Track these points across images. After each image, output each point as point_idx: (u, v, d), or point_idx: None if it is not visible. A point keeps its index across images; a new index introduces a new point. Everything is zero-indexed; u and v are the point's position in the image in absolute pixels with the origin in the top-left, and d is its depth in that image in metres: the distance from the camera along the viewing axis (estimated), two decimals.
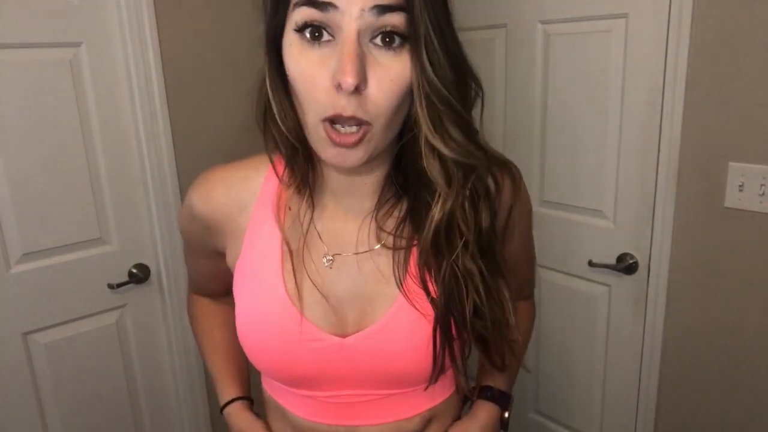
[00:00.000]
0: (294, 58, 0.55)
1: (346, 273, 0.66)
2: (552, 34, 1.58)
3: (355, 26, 0.52)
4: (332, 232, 0.67)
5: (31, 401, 1.48)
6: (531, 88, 1.64)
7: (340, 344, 0.65)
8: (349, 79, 0.51)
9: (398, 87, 0.55)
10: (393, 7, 0.52)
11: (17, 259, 1.40)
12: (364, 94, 0.54)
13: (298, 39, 0.55)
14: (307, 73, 0.55)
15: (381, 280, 0.65)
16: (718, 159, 1.32)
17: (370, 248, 0.66)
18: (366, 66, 0.53)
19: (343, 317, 0.66)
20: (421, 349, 0.63)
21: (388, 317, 0.64)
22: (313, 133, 0.57)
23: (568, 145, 1.61)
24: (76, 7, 1.39)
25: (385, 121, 0.56)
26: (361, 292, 0.66)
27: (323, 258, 0.67)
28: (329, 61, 0.53)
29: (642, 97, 1.43)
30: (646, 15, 1.38)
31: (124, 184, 1.53)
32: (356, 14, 0.52)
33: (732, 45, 1.26)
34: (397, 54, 0.54)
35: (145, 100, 1.50)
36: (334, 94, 0.53)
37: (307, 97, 0.55)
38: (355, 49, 0.52)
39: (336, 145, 0.56)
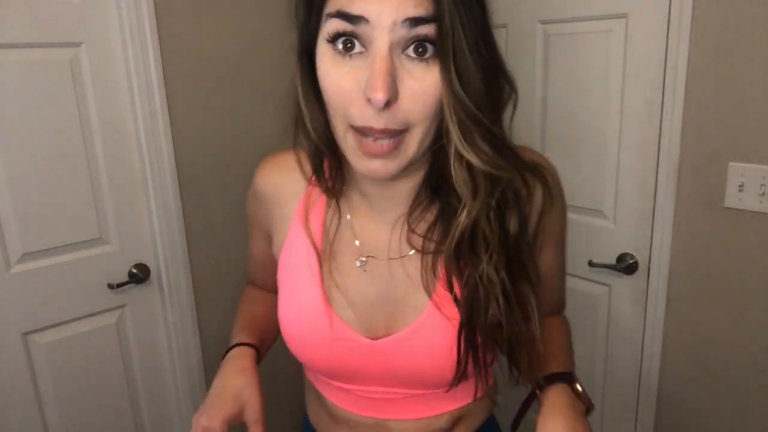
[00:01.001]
0: (326, 68, 0.56)
1: (378, 277, 0.68)
2: (552, 34, 1.58)
3: (387, 39, 0.52)
4: (367, 235, 0.69)
5: (31, 401, 1.47)
6: (531, 88, 1.64)
7: (371, 346, 0.66)
8: (379, 95, 0.51)
9: (431, 98, 0.54)
10: (425, 18, 0.52)
11: (17, 259, 1.40)
12: (395, 107, 0.54)
13: (330, 50, 0.55)
14: (338, 85, 0.55)
15: (411, 285, 0.66)
16: (718, 159, 1.32)
17: (402, 254, 0.67)
18: (397, 79, 0.53)
19: (374, 320, 0.67)
20: (447, 354, 0.64)
21: (418, 324, 0.65)
22: (342, 141, 0.58)
23: (568, 145, 1.61)
24: (76, 7, 1.39)
25: (420, 129, 0.56)
26: (392, 296, 0.67)
27: (356, 260, 0.68)
28: (360, 73, 0.54)
29: (642, 96, 1.43)
30: (646, 15, 1.38)
31: (124, 184, 1.53)
32: (388, 27, 0.52)
33: (732, 44, 1.26)
34: (429, 65, 0.54)
35: (145, 100, 1.50)
36: (364, 107, 0.54)
37: (337, 107, 0.56)
38: (386, 65, 0.52)
39: (368, 155, 0.56)
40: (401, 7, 0.51)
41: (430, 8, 0.52)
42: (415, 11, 0.51)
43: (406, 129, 0.56)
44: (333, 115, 0.58)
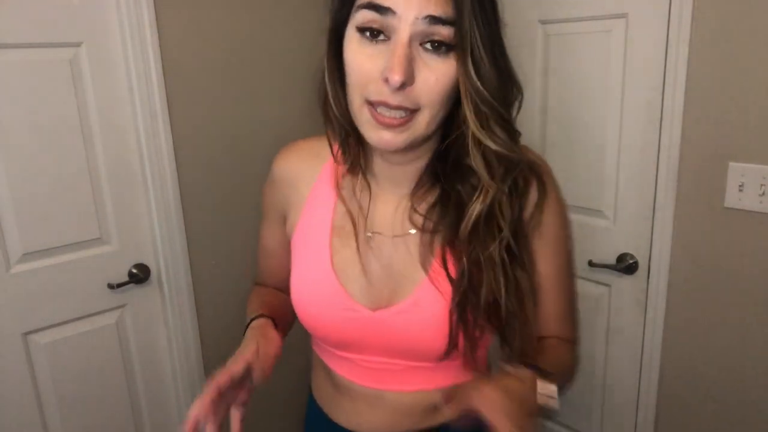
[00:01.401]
0: (352, 50, 0.63)
1: (383, 253, 0.74)
2: (552, 34, 1.58)
3: (409, 30, 0.59)
4: (374, 213, 0.75)
5: (31, 401, 1.47)
6: (531, 88, 1.64)
7: (371, 317, 0.72)
8: (396, 76, 0.58)
9: (443, 85, 0.61)
10: (444, 20, 0.59)
11: (17, 259, 1.40)
12: (410, 89, 0.60)
13: (358, 36, 0.62)
14: (360, 63, 0.62)
15: (411, 261, 0.72)
16: (718, 159, 1.32)
17: (404, 232, 0.73)
18: (414, 66, 0.60)
19: (377, 292, 0.73)
20: (441, 327, 0.69)
21: (414, 297, 0.70)
22: (358, 114, 0.65)
23: (568, 145, 1.61)
24: (76, 7, 1.39)
25: (431, 110, 0.63)
26: (394, 271, 0.73)
27: (366, 234, 0.74)
28: (382, 57, 0.60)
29: (642, 97, 1.43)
30: (646, 15, 1.38)
31: (124, 184, 1.53)
32: (411, 20, 0.58)
33: (732, 45, 1.26)
34: (443, 59, 0.61)
35: (145, 100, 1.50)
36: (381, 84, 0.60)
37: (357, 83, 0.63)
38: (405, 51, 0.59)
39: (380, 125, 0.63)
40: (424, 5, 0.58)
41: (449, 11, 0.59)
42: (435, 10, 0.58)
43: (418, 109, 0.62)
44: (352, 91, 0.64)
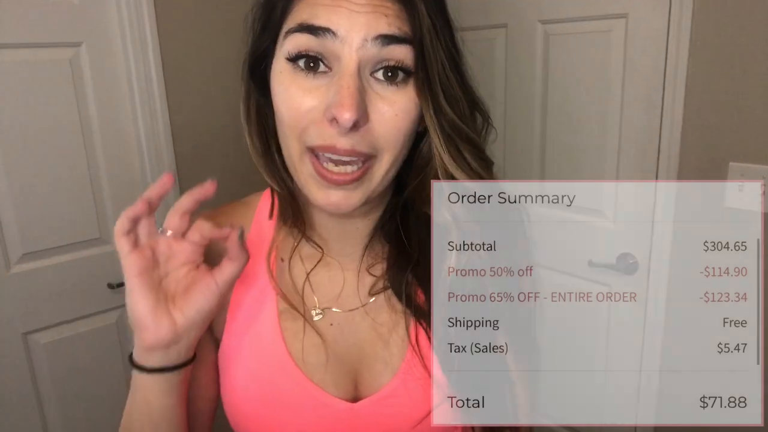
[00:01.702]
0: (283, 85, 0.49)
1: (347, 330, 0.60)
2: (552, 34, 1.58)
3: (356, 57, 0.47)
4: (326, 284, 0.61)
5: (31, 401, 1.47)
6: (531, 88, 1.64)
7: (349, 410, 0.57)
8: (346, 114, 0.45)
9: (403, 122, 0.49)
10: (399, 38, 0.47)
11: (17, 259, 1.40)
12: (363, 130, 0.48)
13: (290, 68, 0.49)
14: (296, 100, 0.48)
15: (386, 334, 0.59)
16: (718, 159, 1.32)
17: (365, 302, 0.60)
18: (366, 100, 0.48)
19: (351, 381, 0.59)
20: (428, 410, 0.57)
21: (398, 378, 0.58)
22: (298, 167, 0.51)
23: (568, 145, 1.61)
24: (76, 7, 1.39)
25: (390, 156, 0.50)
26: (365, 350, 0.60)
27: (313, 311, 0.60)
28: (325, 91, 0.48)
29: (642, 97, 1.43)
30: (646, 15, 1.38)
31: (124, 184, 1.53)
32: (358, 44, 0.46)
33: (732, 45, 1.26)
34: (401, 89, 0.49)
35: (145, 100, 1.50)
36: (325, 127, 0.48)
37: (293, 125, 0.49)
38: (356, 82, 0.46)
39: (327, 183, 0.49)
40: (372, 23, 0.46)
41: (404, 28, 0.47)
42: (388, 29, 0.47)
43: (375, 155, 0.50)
44: (287, 136, 0.50)
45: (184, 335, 0.50)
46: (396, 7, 0.48)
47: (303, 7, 0.48)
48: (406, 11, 0.48)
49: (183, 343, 0.51)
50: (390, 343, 0.59)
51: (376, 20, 0.46)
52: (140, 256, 0.48)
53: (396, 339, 0.59)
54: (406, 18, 0.48)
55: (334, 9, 0.47)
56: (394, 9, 0.47)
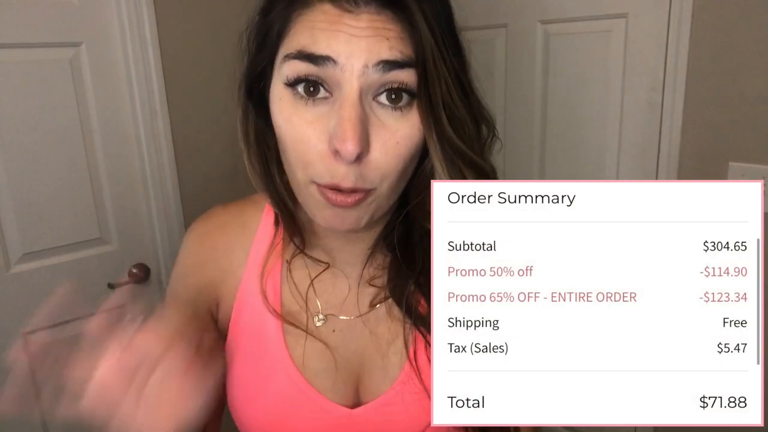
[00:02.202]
0: (284, 115, 0.48)
1: (349, 336, 0.60)
2: (552, 34, 1.58)
3: (357, 85, 0.45)
4: (330, 290, 0.61)
5: None
6: (531, 88, 1.64)
7: (348, 416, 0.58)
8: (349, 147, 0.44)
9: (405, 150, 0.48)
10: (401, 63, 0.46)
11: (17, 259, 1.40)
12: (366, 160, 0.47)
13: (289, 94, 0.48)
14: (299, 133, 0.47)
15: (385, 345, 0.60)
16: (718, 159, 1.32)
17: (368, 310, 0.61)
18: (369, 128, 0.47)
19: (351, 387, 0.60)
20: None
21: (396, 388, 0.58)
22: (305, 193, 0.51)
23: (568, 145, 1.61)
24: (76, 7, 1.39)
25: (390, 184, 0.50)
26: (366, 357, 0.60)
27: (316, 317, 0.60)
28: (326, 121, 0.47)
29: (642, 96, 1.43)
30: (646, 15, 1.38)
31: (124, 184, 1.53)
32: (359, 71, 0.45)
33: (732, 44, 1.26)
34: (404, 114, 0.48)
35: (145, 100, 1.50)
36: (331, 160, 0.47)
37: (298, 157, 0.48)
38: (357, 113, 0.45)
39: (333, 205, 0.49)
40: (374, 49, 0.45)
41: (407, 51, 0.46)
42: (390, 54, 0.45)
43: (376, 188, 0.49)
44: (292, 165, 0.50)
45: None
46: (398, 29, 0.46)
47: (301, 30, 0.47)
48: (408, 32, 0.46)
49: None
50: (389, 354, 0.59)
51: (378, 45, 0.45)
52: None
53: (395, 350, 0.59)
54: (408, 39, 0.46)
55: (333, 34, 0.45)
56: (396, 30, 0.46)
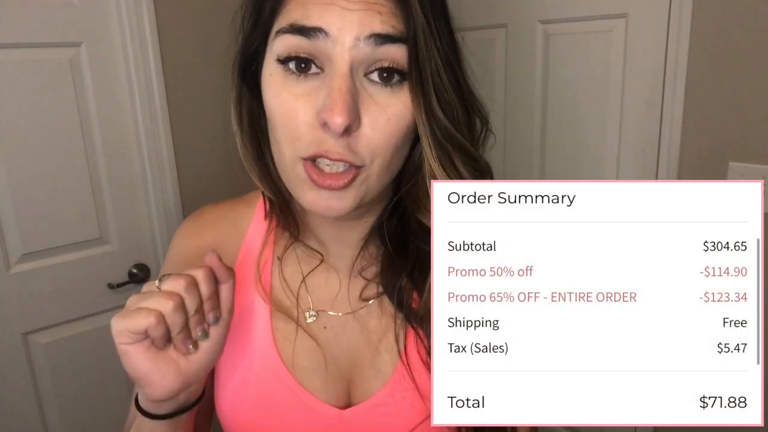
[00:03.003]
0: (274, 90, 0.48)
1: (340, 334, 0.59)
2: (552, 34, 1.58)
3: (348, 57, 0.45)
4: (322, 286, 0.60)
5: (31, 401, 1.47)
6: (531, 88, 1.64)
7: (339, 416, 0.57)
8: (337, 118, 0.44)
9: (396, 127, 0.48)
10: (393, 37, 0.45)
11: (17, 259, 1.40)
12: (356, 135, 0.47)
13: (280, 70, 0.48)
14: (287, 107, 0.47)
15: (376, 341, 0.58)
16: (718, 159, 1.32)
17: (360, 307, 0.59)
18: (359, 103, 0.46)
19: (341, 386, 0.59)
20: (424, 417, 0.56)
21: (389, 388, 0.57)
22: (290, 173, 0.50)
23: (568, 145, 1.61)
24: (76, 7, 1.39)
25: (382, 162, 0.49)
26: (357, 356, 0.59)
27: (306, 313, 0.59)
28: (316, 95, 0.46)
29: (642, 97, 1.43)
30: (646, 15, 1.38)
31: (124, 184, 1.53)
32: (350, 43, 0.45)
33: (732, 45, 1.26)
34: (395, 91, 0.47)
35: (145, 100, 1.50)
36: (319, 132, 0.46)
37: (286, 133, 0.48)
38: (347, 84, 0.45)
39: (319, 187, 0.48)
40: (365, 21, 0.45)
41: (398, 27, 0.46)
42: (382, 27, 0.45)
43: (364, 165, 0.48)
44: (280, 143, 0.49)
45: (193, 380, 0.48)
46: (390, 5, 0.46)
47: (294, 6, 0.47)
48: (400, 9, 0.46)
49: (192, 387, 0.50)
50: (380, 350, 0.58)
51: (369, 18, 0.45)
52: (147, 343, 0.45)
53: (386, 346, 0.58)
54: (401, 16, 0.46)
55: (325, 7, 0.45)
56: (389, 6, 0.46)
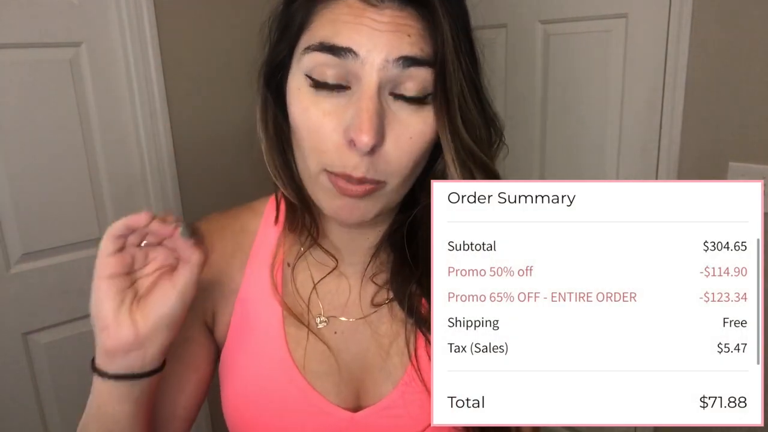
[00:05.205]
0: (301, 104, 0.49)
1: (351, 338, 0.60)
2: (552, 34, 1.58)
3: (376, 78, 0.46)
4: (333, 292, 0.61)
5: (31, 401, 1.47)
6: (531, 88, 1.64)
7: (350, 419, 0.57)
8: (365, 138, 0.45)
9: (417, 146, 0.49)
10: (421, 61, 0.46)
11: (17, 259, 1.40)
12: (379, 152, 0.48)
13: (308, 84, 0.48)
14: (315, 122, 0.48)
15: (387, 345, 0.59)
16: (718, 159, 1.32)
17: (370, 312, 0.60)
18: (384, 122, 0.47)
19: (352, 389, 0.59)
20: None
21: (399, 390, 0.58)
22: (314, 182, 0.51)
23: (568, 145, 1.61)
24: (76, 7, 1.39)
25: (400, 179, 0.51)
26: (369, 360, 0.60)
27: (317, 318, 0.60)
28: (343, 112, 0.47)
29: (642, 97, 1.43)
30: (646, 15, 1.38)
31: (124, 184, 1.53)
32: (379, 65, 0.46)
33: (732, 45, 1.26)
34: (418, 109, 0.48)
35: (145, 100, 1.50)
36: (344, 150, 0.47)
37: (312, 145, 0.49)
38: (375, 104, 0.46)
39: (341, 194, 0.49)
40: (395, 43, 0.46)
41: (426, 50, 0.47)
42: (411, 50, 0.46)
43: (385, 181, 0.50)
44: (306, 155, 0.50)
45: (147, 341, 0.50)
46: (419, 26, 0.47)
47: (324, 23, 0.47)
48: (429, 30, 0.47)
49: (147, 350, 0.50)
50: (391, 354, 0.59)
51: (399, 40, 0.46)
52: (119, 261, 0.51)
53: (397, 350, 0.59)
54: (428, 38, 0.47)
55: (356, 27, 0.46)
56: (417, 28, 0.47)
